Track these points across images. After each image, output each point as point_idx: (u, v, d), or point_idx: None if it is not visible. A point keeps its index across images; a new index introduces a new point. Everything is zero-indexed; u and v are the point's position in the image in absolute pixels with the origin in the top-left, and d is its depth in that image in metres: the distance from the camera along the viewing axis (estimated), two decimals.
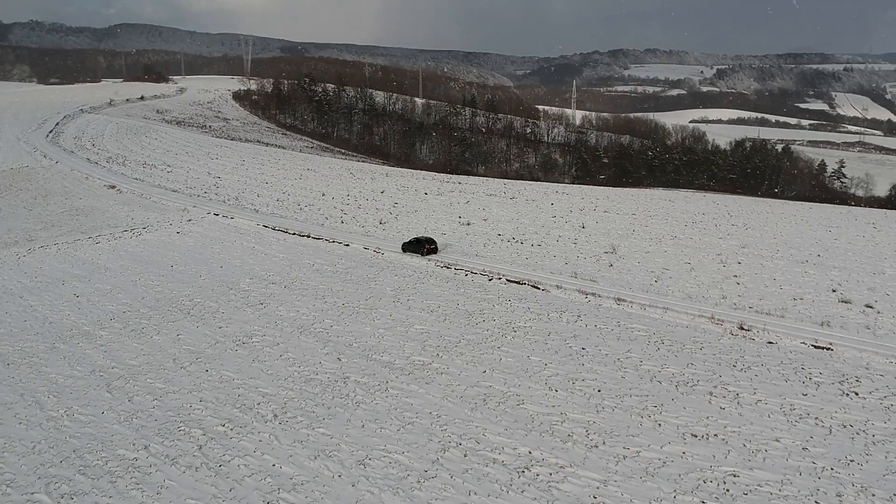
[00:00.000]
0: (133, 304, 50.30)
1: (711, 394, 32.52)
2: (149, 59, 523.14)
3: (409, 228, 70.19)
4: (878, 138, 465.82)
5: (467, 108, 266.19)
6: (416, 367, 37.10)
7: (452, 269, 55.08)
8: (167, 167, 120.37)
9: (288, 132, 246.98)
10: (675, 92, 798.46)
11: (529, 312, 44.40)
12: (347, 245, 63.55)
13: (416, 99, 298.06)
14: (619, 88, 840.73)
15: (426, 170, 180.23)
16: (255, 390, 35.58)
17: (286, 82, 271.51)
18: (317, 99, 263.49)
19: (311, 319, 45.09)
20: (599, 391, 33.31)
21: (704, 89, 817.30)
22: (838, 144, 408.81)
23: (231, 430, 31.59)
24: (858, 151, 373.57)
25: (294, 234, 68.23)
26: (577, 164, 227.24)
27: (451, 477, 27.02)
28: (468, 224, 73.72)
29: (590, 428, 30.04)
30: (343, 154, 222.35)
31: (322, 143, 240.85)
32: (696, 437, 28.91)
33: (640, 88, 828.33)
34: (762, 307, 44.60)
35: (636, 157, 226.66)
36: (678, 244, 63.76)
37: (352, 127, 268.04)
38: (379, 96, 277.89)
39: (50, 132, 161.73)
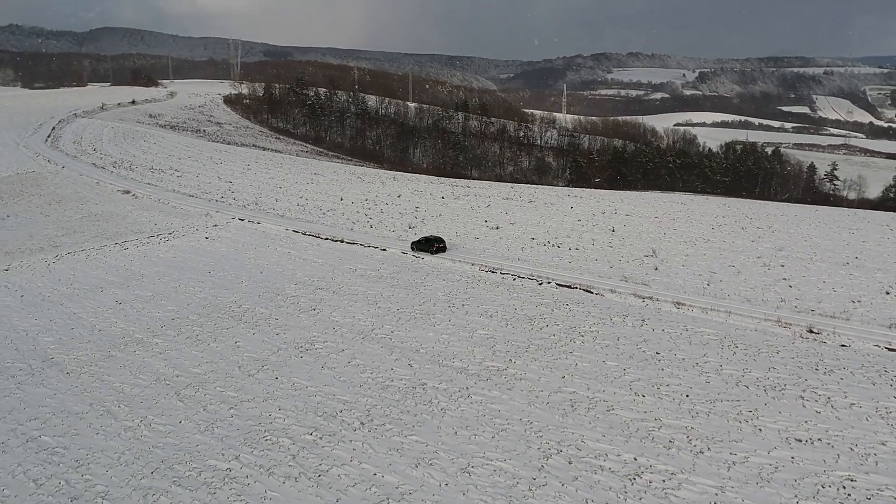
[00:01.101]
0: (180, 310, 49.54)
1: (802, 398, 32.40)
2: (134, 62, 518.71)
3: (440, 232, 69.79)
4: (861, 141, 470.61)
5: (460, 113, 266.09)
6: (492, 373, 36.72)
7: (499, 274, 54.77)
8: (175, 172, 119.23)
9: (281, 136, 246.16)
10: (658, 95, 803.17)
11: (591, 317, 44.15)
12: (384, 250, 63.10)
13: (409, 103, 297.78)
14: (603, 92, 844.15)
15: (421, 173, 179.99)
16: (333, 398, 35.06)
17: (278, 86, 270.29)
18: (309, 103, 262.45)
19: (369, 325, 44.59)
20: (688, 396, 33.08)
21: (687, 93, 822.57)
22: (823, 147, 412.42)
23: (320, 438, 31.07)
24: (844, 154, 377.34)
25: (327, 238, 67.65)
26: (572, 167, 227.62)
27: (562, 485, 26.69)
28: (497, 228, 73.47)
29: (689, 434, 29.78)
30: (338, 158, 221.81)
31: (316, 147, 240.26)
32: (800, 441, 28.76)
33: (623, 92, 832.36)
34: (823, 310, 44.66)
35: (631, 161, 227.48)
36: (713, 247, 63.83)
37: (344, 131, 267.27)
38: (371, 100, 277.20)
39: (48, 136, 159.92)
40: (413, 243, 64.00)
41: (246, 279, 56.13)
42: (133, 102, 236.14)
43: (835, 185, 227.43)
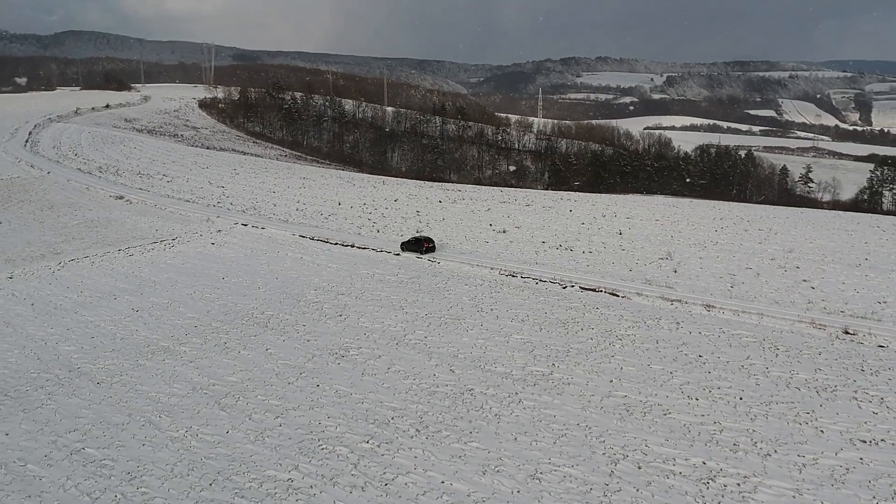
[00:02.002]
0: (200, 318, 48.69)
1: (856, 399, 32.63)
2: (103, 66, 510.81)
3: (448, 237, 69.64)
4: (829, 143, 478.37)
5: (437, 117, 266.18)
6: (537, 378, 36.53)
7: (519, 278, 54.62)
8: (163, 177, 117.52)
9: (258, 140, 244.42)
10: (627, 99, 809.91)
11: (624, 320, 44.16)
12: (398, 254, 62.60)
13: (387, 108, 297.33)
14: (573, 96, 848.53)
15: (400, 177, 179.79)
16: (381, 405, 34.60)
17: (253, 90, 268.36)
18: (286, 107, 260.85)
19: (401, 331, 44.17)
20: (741, 399, 33.16)
21: (656, 97, 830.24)
22: (793, 150, 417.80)
23: (378, 446, 30.62)
24: (813, 156, 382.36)
25: (336, 243, 67.03)
26: (551, 170, 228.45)
27: (637, 490, 26.55)
28: (504, 232, 73.37)
29: (752, 436, 29.84)
30: (317, 162, 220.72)
31: (293, 152, 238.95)
32: (864, 442, 28.93)
33: (592, 96, 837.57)
34: (852, 311, 45.16)
35: (609, 164, 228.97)
36: (723, 250, 64.32)
37: (321, 135, 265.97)
38: (348, 104, 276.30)
39: (26, 141, 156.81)
40: (403, 244, 65.31)
41: (262, 285, 55.34)
42: (107, 107, 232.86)
43: (809, 187, 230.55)
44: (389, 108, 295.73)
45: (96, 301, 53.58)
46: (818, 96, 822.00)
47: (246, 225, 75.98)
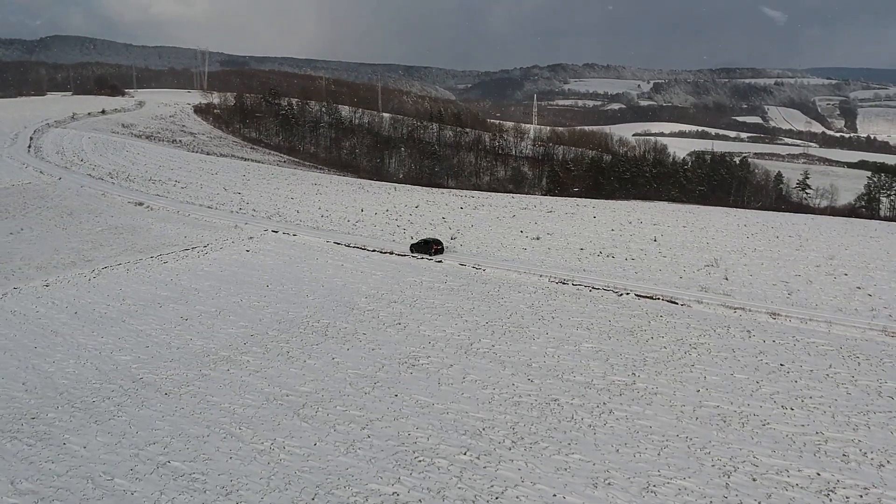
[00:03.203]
0: (253, 326, 47.91)
1: None
2: (93, 71, 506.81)
3: (483, 244, 69.27)
4: (819, 150, 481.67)
5: (434, 123, 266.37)
6: (621, 388, 36.03)
7: (570, 285, 54.16)
8: (175, 183, 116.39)
9: (255, 146, 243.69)
10: (615, 106, 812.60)
11: (692, 329, 43.78)
12: (440, 261, 62.02)
13: (384, 114, 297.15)
14: (561, 102, 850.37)
15: (398, 182, 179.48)
16: (466, 415, 33.99)
17: (249, 96, 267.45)
18: (282, 113, 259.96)
19: (465, 339, 43.58)
20: (836, 408, 32.76)
21: (643, 103, 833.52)
22: (783, 156, 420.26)
23: (477, 458, 30.01)
24: (804, 163, 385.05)
25: (374, 251, 66.37)
26: (549, 176, 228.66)
27: (758, 502, 26.01)
28: (538, 238, 72.91)
29: (860, 447, 29.46)
30: (316, 168, 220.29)
31: (291, 158, 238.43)
32: None
33: (580, 102, 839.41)
34: None
35: (608, 170, 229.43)
36: (765, 257, 64.18)
37: (318, 141, 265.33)
38: (344, 110, 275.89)
39: (29, 147, 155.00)
40: (412, 245, 66.48)
41: (309, 293, 54.61)
42: (103, 112, 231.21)
43: (807, 193, 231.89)
44: (386, 115, 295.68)
45: (142, 309, 52.59)
46: (804, 103, 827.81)
47: (276, 232, 75.12)
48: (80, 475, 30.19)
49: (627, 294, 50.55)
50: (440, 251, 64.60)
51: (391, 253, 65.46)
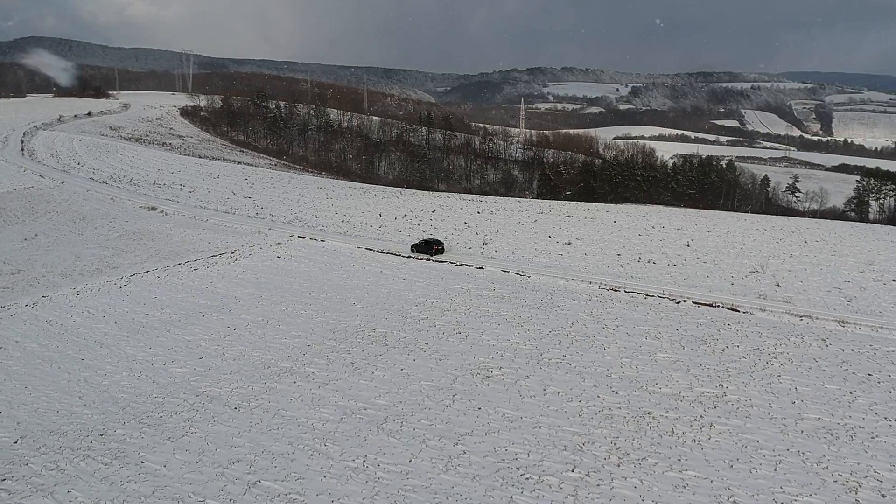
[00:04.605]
0: (307, 336, 46.54)
1: None
2: (73, 73, 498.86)
3: (515, 249, 68.31)
4: (800, 154, 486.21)
5: (424, 127, 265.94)
6: (713, 400, 35.15)
7: (623, 292, 53.25)
8: (181, 187, 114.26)
9: (244, 150, 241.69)
10: (594, 109, 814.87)
11: (765, 338, 43.06)
12: (481, 268, 60.93)
13: (374, 117, 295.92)
14: (540, 105, 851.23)
15: (388, 185, 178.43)
16: (559, 429, 32.91)
17: (238, 99, 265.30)
18: (271, 115, 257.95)
19: (533, 349, 42.51)
20: None
21: (622, 107, 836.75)
22: (765, 160, 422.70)
23: (587, 475, 28.96)
24: (785, 167, 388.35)
25: (410, 257, 65.09)
26: (541, 180, 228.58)
27: None
28: (568, 244, 72.00)
29: None
30: (308, 171, 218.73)
31: (280, 161, 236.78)
32: None
33: (559, 106, 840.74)
34: None
35: (600, 174, 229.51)
36: (804, 262, 63.78)
37: (307, 144, 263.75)
38: (333, 113, 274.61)
39: (22, 150, 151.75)
40: (413, 246, 67.58)
41: (355, 301, 53.28)
42: (89, 114, 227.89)
43: (796, 197, 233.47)
44: (376, 118, 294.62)
45: (184, 319, 50.99)
46: (780, 107, 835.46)
47: (303, 237, 73.58)
48: (169, 496, 28.73)
49: (685, 301, 49.74)
50: (440, 251, 65.85)
51: (428, 259, 64.23)
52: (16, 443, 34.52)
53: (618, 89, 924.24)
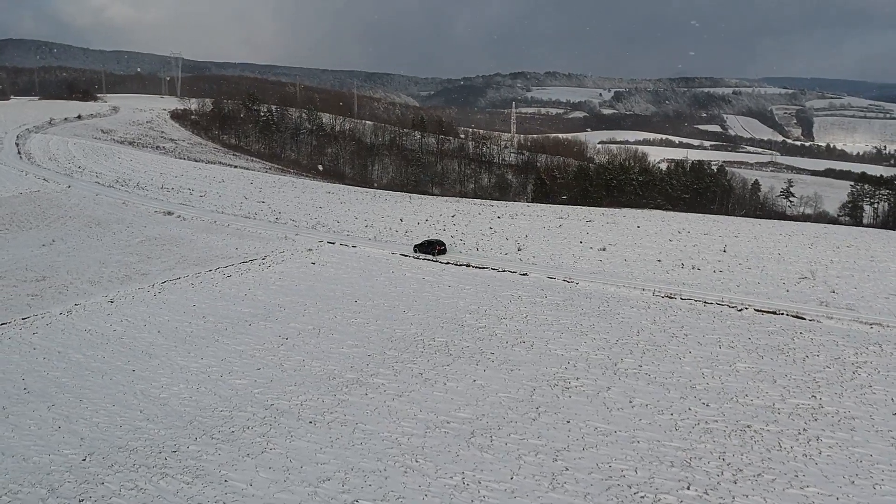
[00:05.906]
0: (366, 345, 45.08)
1: None
2: (56, 75, 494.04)
3: (552, 254, 67.34)
4: (786, 158, 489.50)
5: (417, 131, 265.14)
6: (811, 412, 34.07)
7: (678, 299, 52.20)
8: (190, 191, 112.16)
9: (237, 153, 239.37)
10: (578, 114, 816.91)
11: (843, 347, 42.11)
12: (525, 274, 59.69)
13: (367, 122, 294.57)
14: (524, 110, 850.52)
15: (382, 189, 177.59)
16: (659, 444, 31.68)
17: (229, 102, 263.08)
18: (263, 119, 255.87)
19: (605, 358, 41.29)
20: None
21: (605, 111, 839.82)
22: (752, 164, 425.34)
23: (704, 493, 27.75)
24: (772, 171, 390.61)
25: (449, 263, 63.76)
26: (536, 184, 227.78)
27: None
28: (603, 249, 70.90)
29: None
30: (304, 175, 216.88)
31: (274, 164, 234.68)
32: None
33: (543, 110, 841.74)
34: None
35: (595, 178, 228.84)
36: (848, 268, 63.11)
37: (299, 148, 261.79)
38: (325, 117, 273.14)
39: (19, 153, 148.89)
40: (416, 246, 68.84)
41: (405, 308, 51.87)
42: (79, 117, 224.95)
43: (790, 201, 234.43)
44: (369, 122, 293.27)
45: (231, 328, 49.31)
46: (761, 112, 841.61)
47: (333, 243, 72.00)
48: None
49: (746, 309, 48.67)
50: (442, 252, 66.92)
51: (468, 266, 62.85)
52: (84, 460, 32.86)
53: (601, 94, 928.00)
